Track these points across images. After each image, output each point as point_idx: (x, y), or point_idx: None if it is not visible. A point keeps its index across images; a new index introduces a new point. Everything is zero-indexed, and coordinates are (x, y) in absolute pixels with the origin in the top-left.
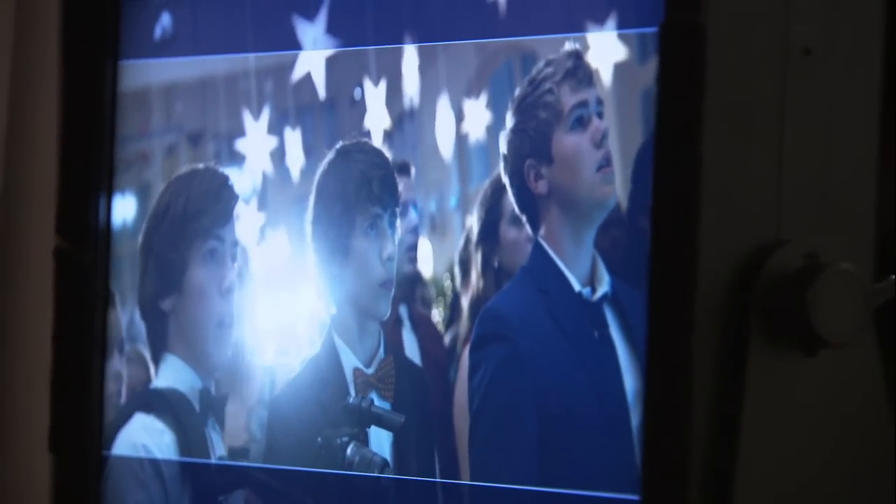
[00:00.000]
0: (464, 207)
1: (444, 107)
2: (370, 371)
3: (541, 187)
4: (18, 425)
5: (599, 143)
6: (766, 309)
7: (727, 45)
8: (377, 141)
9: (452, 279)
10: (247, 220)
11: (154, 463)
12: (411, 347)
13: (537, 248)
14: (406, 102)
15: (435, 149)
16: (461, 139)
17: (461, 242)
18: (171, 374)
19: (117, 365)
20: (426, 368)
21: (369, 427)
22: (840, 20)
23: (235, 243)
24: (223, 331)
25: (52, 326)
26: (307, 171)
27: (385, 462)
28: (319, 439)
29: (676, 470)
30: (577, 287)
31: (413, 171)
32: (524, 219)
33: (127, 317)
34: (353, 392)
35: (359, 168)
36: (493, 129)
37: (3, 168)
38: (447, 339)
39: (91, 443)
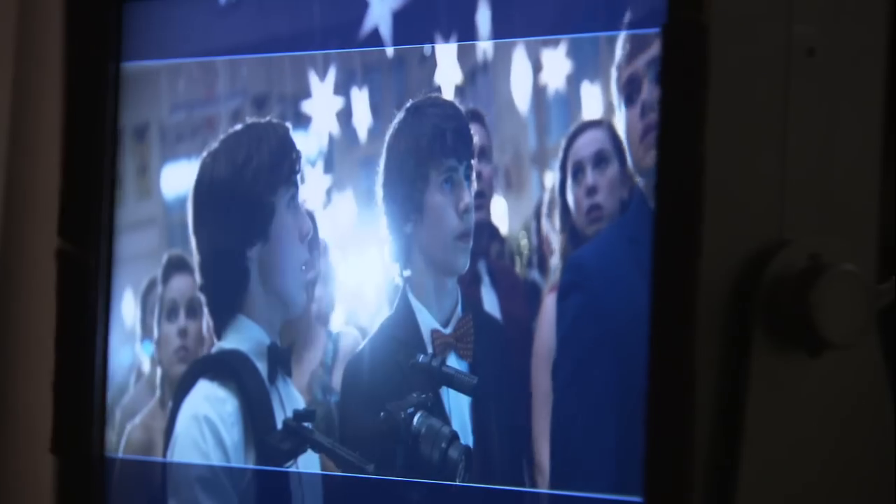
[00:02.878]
0: (541, 159)
1: (519, 57)
2: (448, 331)
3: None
4: (22, 427)
5: None
6: (769, 309)
7: (730, 45)
8: (448, 95)
9: (532, 231)
10: (313, 184)
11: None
12: (490, 303)
13: (636, 194)
14: (479, 55)
15: (510, 101)
16: (538, 90)
17: (542, 193)
18: (237, 336)
19: (174, 336)
20: (506, 324)
21: (440, 388)
22: (843, 21)
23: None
24: (306, 275)
25: (54, 328)
26: (375, 132)
27: (454, 435)
28: (387, 406)
29: (680, 471)
30: None
31: (487, 121)
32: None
33: (184, 285)
34: (431, 352)
35: (431, 122)
36: (574, 79)
37: (6, 170)
38: (527, 293)
39: (94, 445)
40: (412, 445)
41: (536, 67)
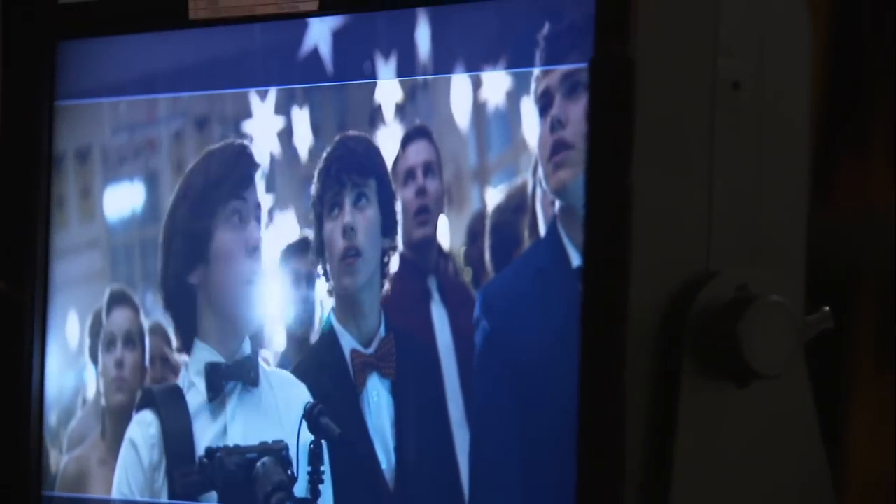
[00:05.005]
0: (476, 177)
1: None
2: (369, 351)
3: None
4: None
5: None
6: (697, 340)
7: (656, 79)
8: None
9: (462, 249)
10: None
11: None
12: (414, 323)
13: (549, 228)
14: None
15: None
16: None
17: (468, 215)
18: (193, 360)
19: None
20: (430, 343)
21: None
22: (768, 54)
23: (258, 205)
24: (252, 288)
25: None
26: (316, 152)
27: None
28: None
29: (611, 501)
30: (575, 262)
31: (430, 136)
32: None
33: (152, 318)
34: (352, 374)
35: (348, 150)
36: (514, 96)
37: None
38: (451, 314)
39: (31, 483)
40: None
41: (473, 92)
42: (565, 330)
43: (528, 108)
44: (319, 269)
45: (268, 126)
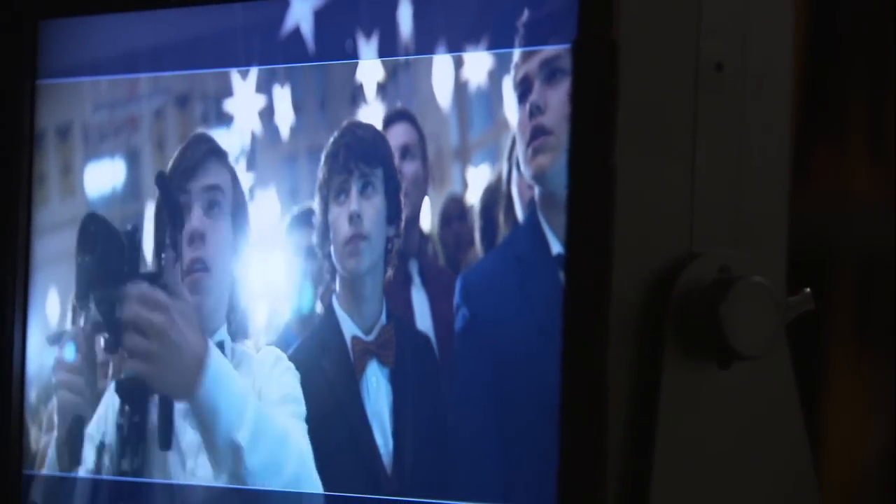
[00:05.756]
0: (463, 158)
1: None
2: (370, 338)
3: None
4: None
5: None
6: (679, 322)
7: (639, 61)
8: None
9: (436, 239)
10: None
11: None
12: (413, 310)
13: (529, 208)
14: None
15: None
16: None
17: (448, 199)
18: None
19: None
20: (426, 331)
21: None
22: (751, 36)
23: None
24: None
25: None
26: (297, 131)
27: None
28: None
29: (592, 484)
30: (555, 249)
31: (411, 119)
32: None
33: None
34: (353, 359)
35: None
36: (496, 75)
37: None
38: (435, 301)
39: (12, 462)
40: None
41: (455, 72)
42: (545, 318)
43: (508, 90)
44: (323, 253)
45: (249, 105)
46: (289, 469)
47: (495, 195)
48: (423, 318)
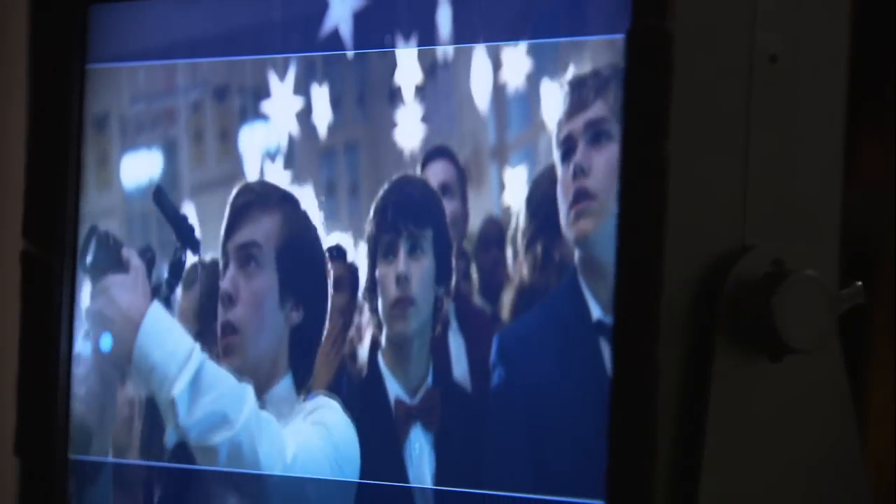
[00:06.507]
0: (506, 214)
1: (480, 60)
2: (414, 401)
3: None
4: None
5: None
6: (731, 315)
7: (694, 52)
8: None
9: (489, 298)
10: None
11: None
12: (461, 373)
13: (569, 270)
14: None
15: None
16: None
17: (500, 252)
18: None
19: None
20: (473, 397)
21: None
22: (806, 27)
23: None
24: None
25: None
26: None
27: None
28: None
29: (642, 477)
30: (595, 315)
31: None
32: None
33: None
34: (395, 421)
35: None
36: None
37: None
38: (480, 360)
39: (58, 447)
40: None
41: (496, 69)
42: (582, 384)
43: (551, 88)
44: (370, 307)
45: (289, 100)
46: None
47: (537, 252)
48: (470, 382)
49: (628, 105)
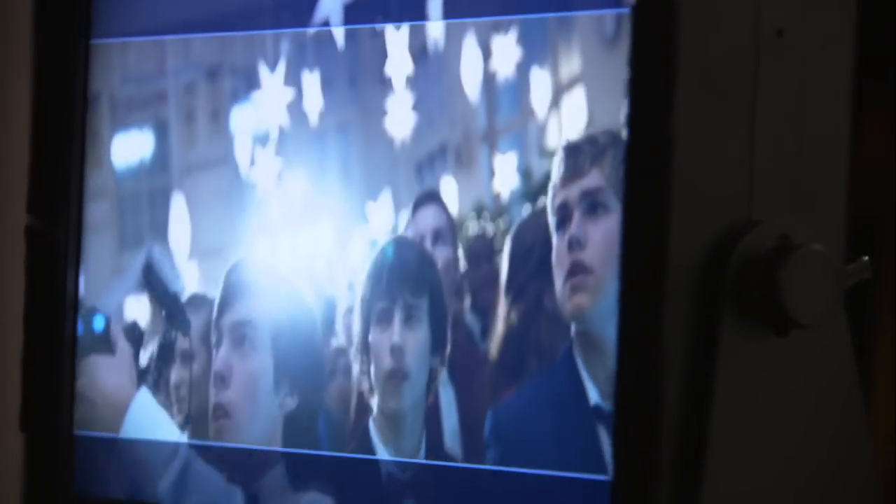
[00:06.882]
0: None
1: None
2: (406, 475)
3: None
4: None
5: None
6: (737, 289)
7: (700, 26)
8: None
9: (482, 373)
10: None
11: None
12: (454, 446)
13: (567, 348)
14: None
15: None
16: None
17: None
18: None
19: None
20: (467, 472)
21: None
22: (813, 1)
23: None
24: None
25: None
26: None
27: None
28: None
29: (648, 449)
30: (594, 399)
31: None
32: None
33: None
34: (386, 494)
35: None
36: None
37: None
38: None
39: (63, 422)
40: None
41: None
42: (579, 467)
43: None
44: (361, 370)
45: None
46: None
47: (530, 322)
48: (463, 456)
49: (634, 80)
